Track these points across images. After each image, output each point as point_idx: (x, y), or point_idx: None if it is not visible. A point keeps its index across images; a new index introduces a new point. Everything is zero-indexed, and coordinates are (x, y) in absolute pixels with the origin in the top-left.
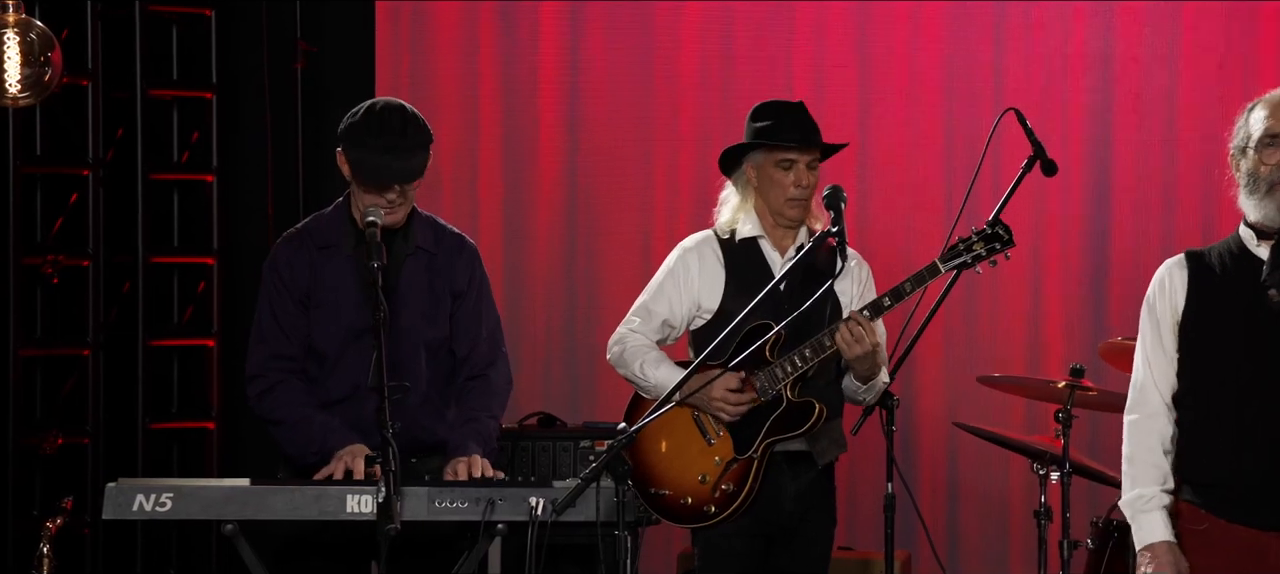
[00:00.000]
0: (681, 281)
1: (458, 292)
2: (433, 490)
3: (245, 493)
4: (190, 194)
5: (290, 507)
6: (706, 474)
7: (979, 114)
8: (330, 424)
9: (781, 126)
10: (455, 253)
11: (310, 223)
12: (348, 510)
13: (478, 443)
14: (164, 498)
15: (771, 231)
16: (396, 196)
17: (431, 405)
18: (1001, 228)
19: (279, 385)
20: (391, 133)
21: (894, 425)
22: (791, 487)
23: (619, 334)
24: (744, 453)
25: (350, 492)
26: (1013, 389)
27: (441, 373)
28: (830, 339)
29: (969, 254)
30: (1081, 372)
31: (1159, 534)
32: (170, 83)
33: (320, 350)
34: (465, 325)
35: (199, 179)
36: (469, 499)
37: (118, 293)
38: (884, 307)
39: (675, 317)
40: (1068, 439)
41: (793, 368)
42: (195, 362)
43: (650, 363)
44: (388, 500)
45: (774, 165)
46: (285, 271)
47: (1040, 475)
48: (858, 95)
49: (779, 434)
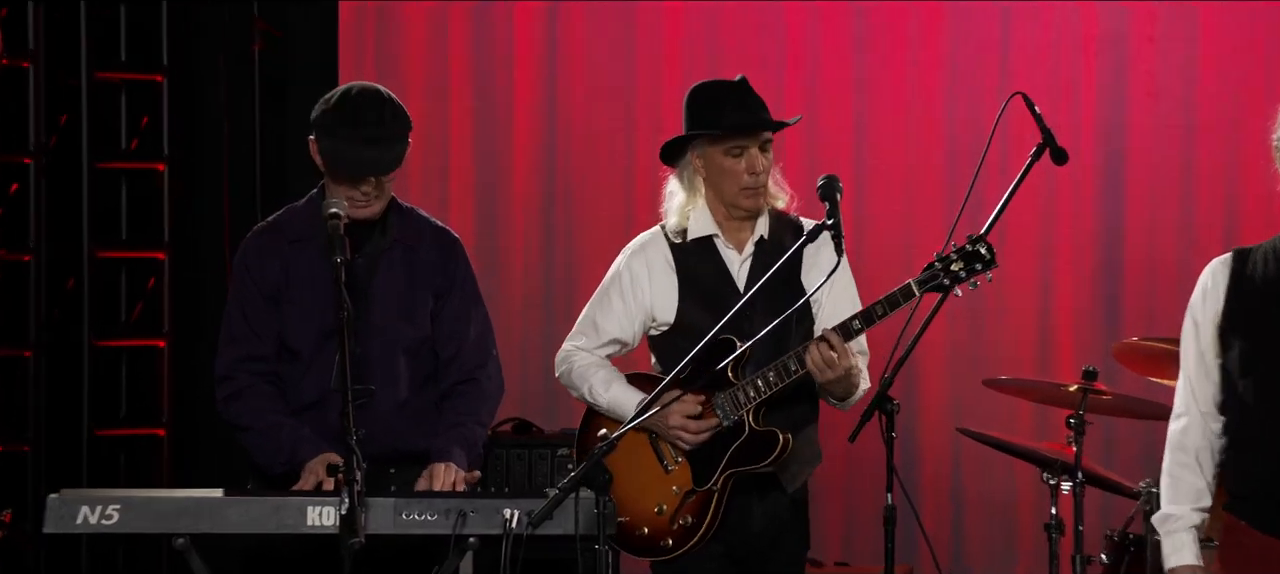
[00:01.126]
0: (629, 292)
1: (440, 289)
2: (399, 502)
3: (198, 504)
4: (140, 184)
5: (246, 519)
6: (663, 505)
7: (984, 98)
8: (300, 433)
9: (724, 111)
10: (437, 247)
11: (282, 215)
12: (309, 523)
13: (461, 449)
14: (110, 510)
15: (726, 226)
16: (372, 189)
17: (411, 411)
18: (984, 247)
19: (247, 390)
20: (368, 123)
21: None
22: (759, 508)
23: (563, 353)
24: (702, 485)
25: (311, 503)
26: (1021, 392)
27: (422, 376)
28: (797, 363)
29: (945, 275)
30: (1094, 374)
31: (1184, 558)
32: (118, 65)
33: (293, 350)
34: (450, 326)
35: (149, 168)
36: (438, 511)
37: (61, 290)
38: (854, 330)
39: (625, 332)
40: (1080, 446)
41: (756, 393)
42: (145, 363)
43: (599, 384)
44: (351, 512)
45: (723, 154)
46: (255, 267)
47: (1051, 485)
48: (854, 77)
49: (740, 466)
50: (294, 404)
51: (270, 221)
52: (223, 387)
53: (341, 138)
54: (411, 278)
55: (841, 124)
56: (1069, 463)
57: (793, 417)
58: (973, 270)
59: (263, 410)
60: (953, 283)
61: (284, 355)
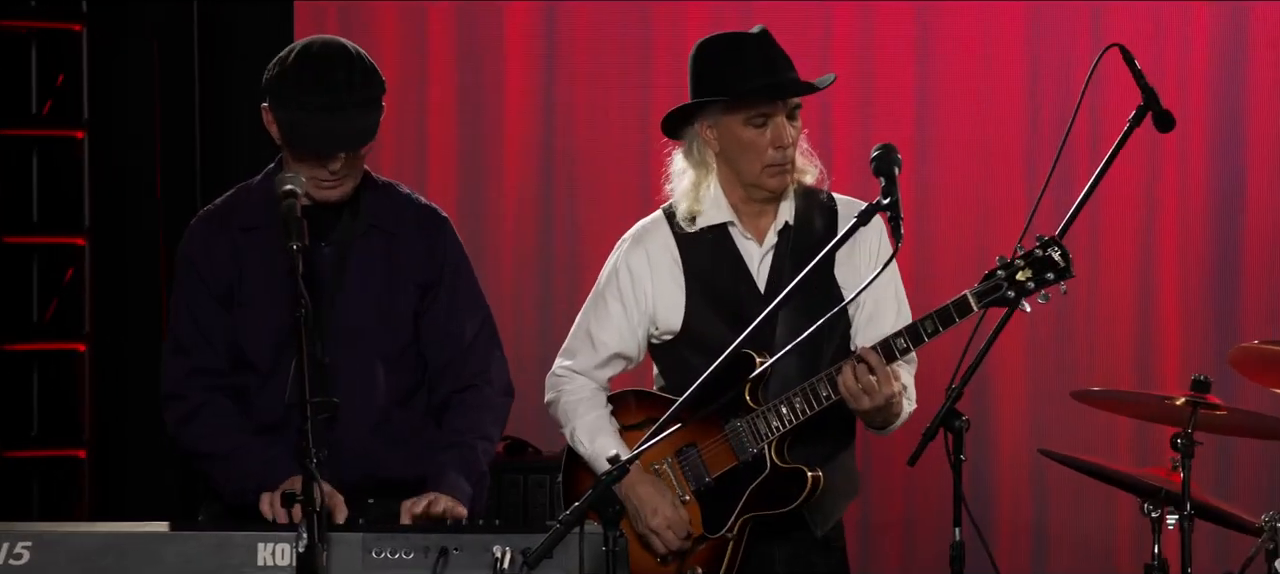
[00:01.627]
0: (628, 296)
1: (426, 281)
2: (368, 538)
3: (125, 540)
4: (54, 154)
5: (183, 558)
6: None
7: (1073, 53)
8: (273, 456)
9: (744, 71)
10: (421, 231)
11: (232, 196)
12: (259, 562)
13: (460, 474)
14: (20, 548)
15: (742, 211)
16: (341, 166)
17: (391, 431)
18: (1057, 251)
19: (203, 408)
20: (334, 87)
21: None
22: (782, 555)
23: (553, 377)
24: (714, 533)
25: (263, 540)
26: (1116, 407)
27: (405, 389)
28: (829, 388)
29: (1010, 286)
30: (1207, 385)
31: None
32: (27, 11)
33: (248, 361)
34: (440, 325)
35: (65, 136)
36: (415, 548)
37: None
38: (899, 349)
39: (627, 345)
40: (1188, 472)
41: (780, 423)
42: (61, 371)
43: (584, 431)
44: (311, 551)
45: (742, 124)
46: (202, 262)
47: (1153, 518)
48: (916, 28)
49: (760, 509)
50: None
51: (218, 205)
52: (173, 407)
53: (302, 107)
54: (390, 270)
55: (900, 83)
56: (1175, 491)
57: (823, 445)
58: (1043, 281)
59: (224, 431)
60: (1018, 296)
61: (239, 367)
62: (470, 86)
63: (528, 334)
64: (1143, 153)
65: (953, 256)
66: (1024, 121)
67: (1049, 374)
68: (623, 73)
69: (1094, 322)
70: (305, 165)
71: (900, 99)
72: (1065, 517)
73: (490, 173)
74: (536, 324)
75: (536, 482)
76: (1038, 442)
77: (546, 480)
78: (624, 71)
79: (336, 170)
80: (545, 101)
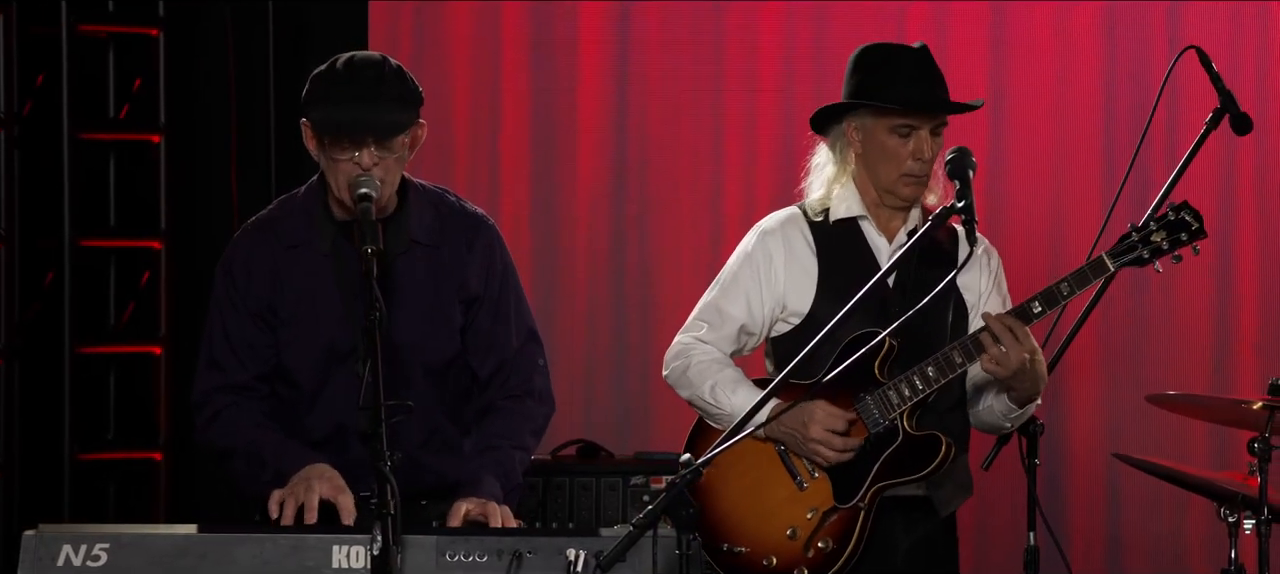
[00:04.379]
0: (762, 274)
1: (472, 295)
2: (443, 540)
3: (201, 543)
4: (131, 158)
5: (259, 561)
6: (796, 528)
7: (1149, 55)
8: (285, 444)
9: (897, 81)
10: (466, 242)
11: (276, 210)
12: (334, 565)
13: (495, 478)
14: (97, 550)
15: (876, 211)
16: (375, 164)
17: (439, 440)
18: (1188, 213)
19: (228, 407)
20: (366, 82)
21: (1037, 458)
22: (905, 540)
23: (680, 345)
24: (847, 502)
25: (337, 542)
26: (1192, 411)
27: (452, 398)
28: (963, 354)
29: (1146, 248)
30: None
31: None
32: (105, 15)
33: (293, 379)
34: (487, 337)
35: (142, 139)
36: (490, 551)
37: (38, 285)
38: (1033, 314)
39: (754, 320)
40: (1265, 476)
41: (912, 392)
42: (137, 374)
43: (724, 385)
44: (385, 553)
45: (887, 131)
46: (241, 277)
47: (1229, 523)
48: (990, 31)
49: (892, 478)
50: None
51: (262, 218)
52: (200, 414)
53: (334, 101)
54: (436, 284)
55: (973, 84)
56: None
57: (951, 430)
58: (1177, 242)
59: (243, 426)
60: (1153, 256)
61: (282, 382)
62: (543, 87)
63: (601, 334)
64: (1220, 156)
65: (1026, 260)
66: (1099, 124)
67: (1123, 378)
68: (695, 73)
69: (1169, 325)
70: (341, 160)
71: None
72: (1140, 521)
73: (563, 173)
74: (609, 324)
75: (609, 485)
76: (1112, 445)
77: (619, 484)
78: (697, 72)
79: (369, 166)
80: (618, 101)
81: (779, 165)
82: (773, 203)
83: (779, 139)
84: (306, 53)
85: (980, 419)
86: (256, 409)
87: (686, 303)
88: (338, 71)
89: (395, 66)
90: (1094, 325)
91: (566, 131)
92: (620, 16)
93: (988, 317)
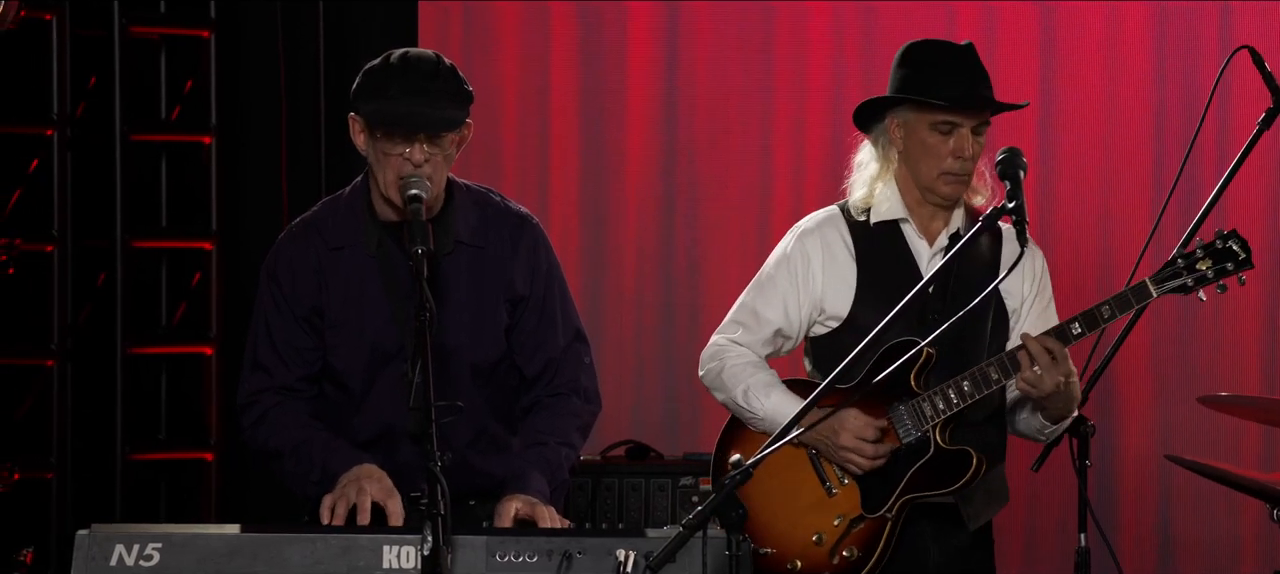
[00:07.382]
0: (800, 276)
1: (518, 295)
2: (492, 541)
3: (253, 543)
4: (182, 159)
5: (310, 560)
6: (823, 534)
7: (1200, 54)
8: (332, 442)
9: (941, 77)
10: (511, 242)
11: (320, 212)
12: (384, 565)
13: (542, 474)
14: (150, 549)
15: (917, 212)
16: (425, 161)
17: (487, 440)
18: (1236, 242)
19: (274, 408)
20: (418, 76)
21: (1089, 459)
22: (935, 549)
23: (715, 346)
24: (874, 512)
25: (387, 542)
26: (1244, 412)
27: (499, 399)
28: (999, 371)
29: (1190, 275)
30: None
31: None
32: (157, 17)
33: (340, 382)
34: (534, 337)
35: (193, 141)
36: (539, 551)
37: (90, 286)
38: (1073, 335)
39: (790, 323)
40: None
41: (946, 406)
42: (188, 375)
43: (758, 388)
44: (436, 553)
45: (928, 128)
46: (285, 279)
47: None
48: (1040, 31)
49: (921, 490)
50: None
51: (306, 220)
52: (246, 415)
53: (386, 95)
54: (481, 285)
55: (1023, 84)
56: None
57: (985, 442)
58: (1223, 271)
59: (290, 427)
60: (1197, 285)
61: (329, 382)
62: (592, 86)
63: (649, 335)
64: (1273, 156)
65: (1074, 262)
66: (1149, 124)
67: (1174, 379)
68: (744, 73)
69: (1220, 326)
70: (392, 155)
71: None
72: (1191, 522)
73: (612, 173)
74: (658, 325)
75: (658, 486)
76: (1163, 447)
77: (668, 485)
78: (745, 72)
79: (419, 162)
80: (667, 101)
81: (827, 165)
82: (820, 202)
83: (827, 139)
84: (356, 54)
85: (1018, 430)
86: (303, 409)
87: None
88: (392, 65)
89: (449, 65)
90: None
91: (615, 132)
92: (669, 16)
93: (1027, 337)
